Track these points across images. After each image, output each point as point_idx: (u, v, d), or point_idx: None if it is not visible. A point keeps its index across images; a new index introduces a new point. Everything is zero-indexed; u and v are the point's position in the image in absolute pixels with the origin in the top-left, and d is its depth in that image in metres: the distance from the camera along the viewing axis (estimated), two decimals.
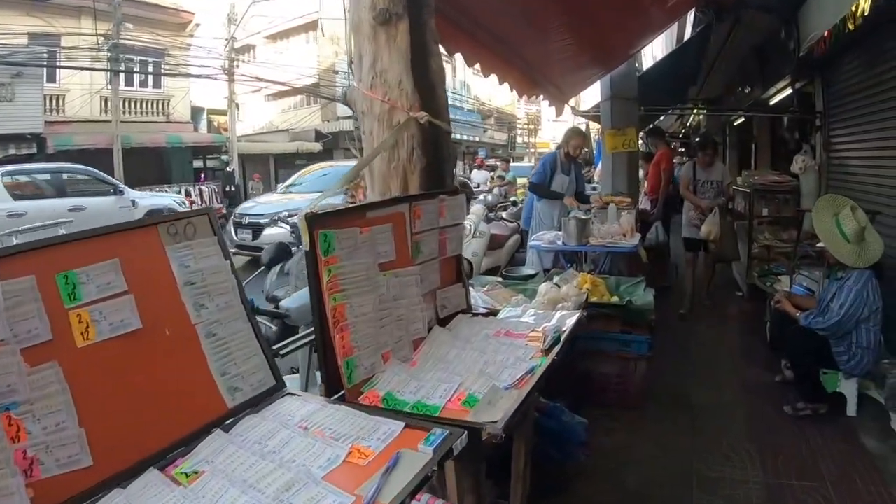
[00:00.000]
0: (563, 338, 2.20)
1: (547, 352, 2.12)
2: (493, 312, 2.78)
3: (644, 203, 7.88)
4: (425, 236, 2.44)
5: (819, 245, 4.84)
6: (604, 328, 4.14)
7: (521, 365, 2.05)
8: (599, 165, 9.16)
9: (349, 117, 26.51)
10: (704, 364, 5.01)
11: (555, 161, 6.32)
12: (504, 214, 9.17)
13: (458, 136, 33.40)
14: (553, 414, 3.20)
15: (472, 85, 33.46)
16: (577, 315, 2.50)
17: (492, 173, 15.64)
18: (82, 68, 18.24)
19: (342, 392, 1.95)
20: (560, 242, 5.49)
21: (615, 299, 4.31)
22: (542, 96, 6.59)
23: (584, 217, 5.47)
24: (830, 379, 4.01)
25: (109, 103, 19.38)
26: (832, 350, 3.91)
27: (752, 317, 6.08)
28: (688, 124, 16.72)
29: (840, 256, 3.86)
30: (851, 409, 3.97)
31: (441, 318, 2.58)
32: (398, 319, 2.21)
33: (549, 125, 31.90)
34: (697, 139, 9.52)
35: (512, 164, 21.70)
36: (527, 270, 5.54)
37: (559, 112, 7.24)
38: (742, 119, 10.97)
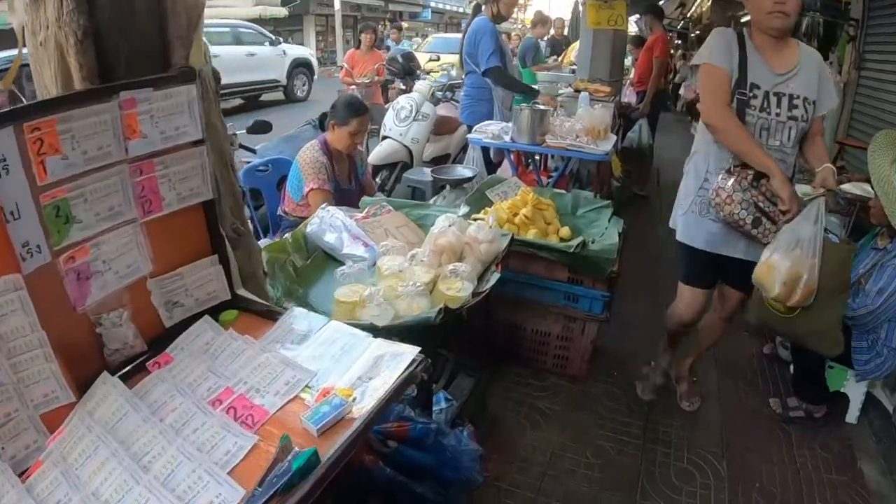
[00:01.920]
0: (317, 468, 0.79)
1: None
2: (273, 313, 1.31)
3: (629, 96, 6.23)
4: (84, 186, 1.02)
5: (849, 191, 3.42)
6: (546, 274, 2.75)
7: None
8: (577, 46, 7.32)
9: None
10: None
11: (495, 31, 4.41)
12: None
13: (441, 6, 29.97)
14: (423, 440, 1.86)
15: None
16: (405, 367, 1.06)
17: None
18: None
19: None
20: (508, 138, 3.93)
21: (565, 232, 2.86)
22: None
23: (542, 107, 3.88)
24: (836, 375, 2.76)
25: None
26: (851, 343, 2.59)
27: None
28: (688, 15, 14.42)
29: (895, 219, 2.40)
30: (853, 416, 2.78)
31: (169, 326, 1.16)
32: None
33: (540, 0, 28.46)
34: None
35: (436, 34, 17.79)
36: (464, 171, 4.05)
37: None
38: None
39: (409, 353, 1.07)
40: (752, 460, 2.51)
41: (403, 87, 7.03)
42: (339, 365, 1.09)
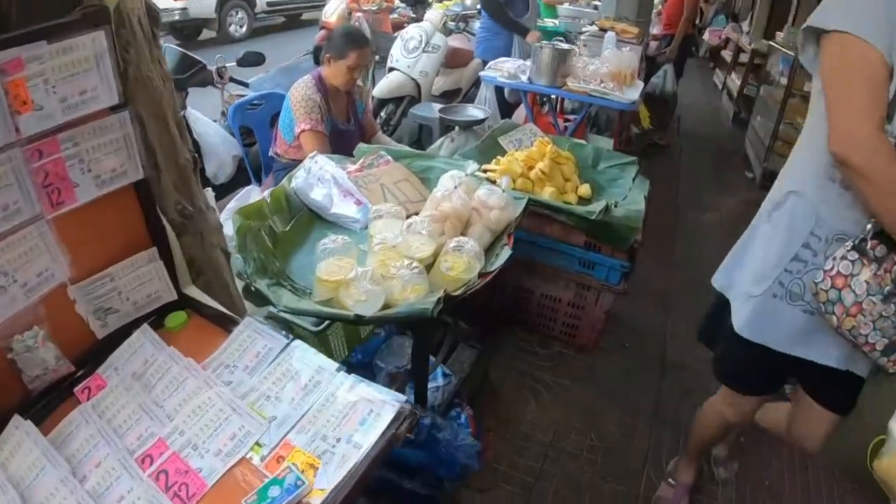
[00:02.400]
0: None
1: None
2: (227, 321, 1.04)
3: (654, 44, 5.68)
4: None
5: None
6: (561, 237, 2.46)
7: None
8: None
9: None
10: (692, 290, 3.33)
11: None
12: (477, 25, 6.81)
13: None
14: (414, 436, 1.66)
15: None
16: (386, 425, 0.79)
17: None
18: None
19: None
20: (525, 78, 3.55)
21: (584, 190, 2.57)
22: None
23: (566, 46, 3.47)
24: None
25: None
26: None
27: None
28: None
29: None
30: None
31: (103, 337, 0.91)
32: None
33: None
34: None
35: None
36: (475, 112, 3.69)
37: None
38: None
39: (390, 403, 0.81)
40: (763, 456, 2.30)
41: (413, 16, 6.49)
42: (299, 411, 0.83)
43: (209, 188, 1.71)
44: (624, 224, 2.24)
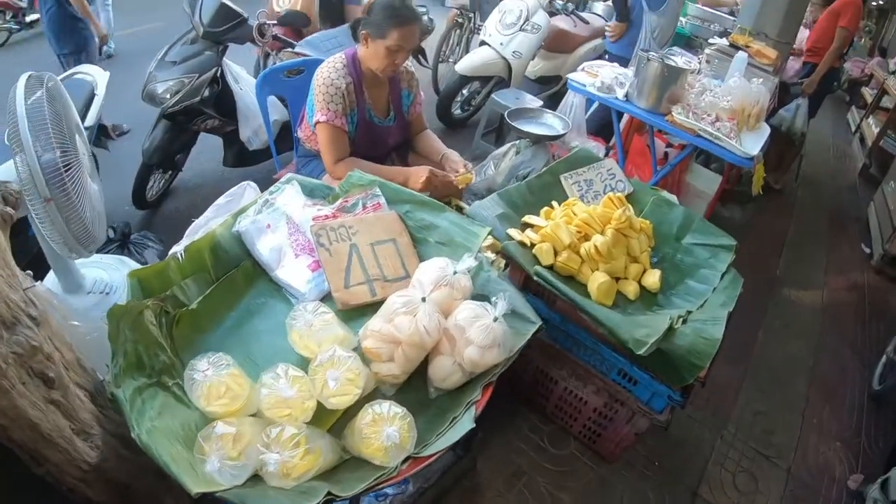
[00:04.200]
0: None
1: None
2: None
3: (793, 64, 4.43)
4: None
5: None
6: (602, 336, 1.73)
7: None
8: None
9: None
10: (762, 398, 2.49)
11: None
12: (599, 7, 5.68)
13: None
14: None
15: None
16: None
17: None
18: None
19: None
20: (621, 94, 2.71)
21: (652, 281, 1.81)
22: None
23: (679, 64, 2.57)
24: None
25: None
26: None
27: (869, 306, 3.37)
28: None
29: None
30: None
31: None
32: None
33: None
34: None
35: None
36: (553, 122, 2.87)
37: None
38: None
39: None
40: None
41: None
42: None
43: (35, 284, 1.10)
44: (686, 360, 1.49)
